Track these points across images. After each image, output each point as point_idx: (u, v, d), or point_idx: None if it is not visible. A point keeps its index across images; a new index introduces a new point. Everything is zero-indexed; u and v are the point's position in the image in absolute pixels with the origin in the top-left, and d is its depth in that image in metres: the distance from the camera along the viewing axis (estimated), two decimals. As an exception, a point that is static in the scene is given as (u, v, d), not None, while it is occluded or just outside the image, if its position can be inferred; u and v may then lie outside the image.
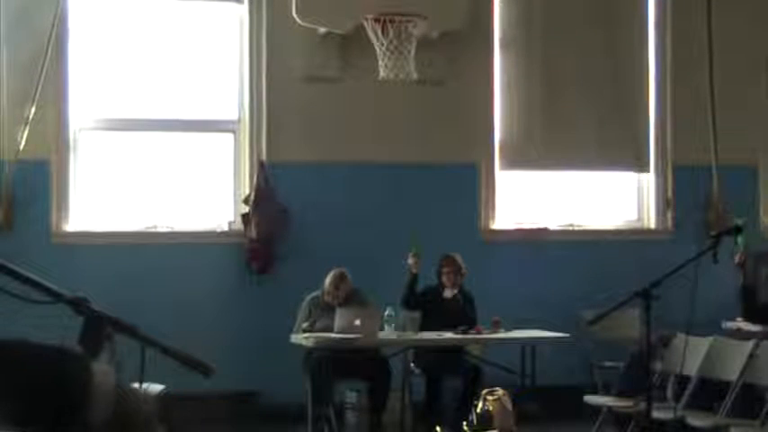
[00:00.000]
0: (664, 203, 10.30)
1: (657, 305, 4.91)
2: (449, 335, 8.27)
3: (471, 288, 8.71)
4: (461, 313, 8.51)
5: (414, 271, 8.52)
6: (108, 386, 2.05)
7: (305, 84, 9.49)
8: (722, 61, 10.02)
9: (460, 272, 8.63)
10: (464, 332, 8.25)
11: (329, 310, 8.23)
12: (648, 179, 10.35)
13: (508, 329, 8.42)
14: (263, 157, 9.44)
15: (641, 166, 10.32)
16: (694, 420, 7.10)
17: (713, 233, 5.51)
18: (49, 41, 8.89)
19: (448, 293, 8.65)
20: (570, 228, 10.16)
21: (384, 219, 9.52)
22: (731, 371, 7.35)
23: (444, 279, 8.65)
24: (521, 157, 10.04)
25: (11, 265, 2.37)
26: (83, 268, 8.65)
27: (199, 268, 9.26)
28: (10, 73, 8.98)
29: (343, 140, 9.60)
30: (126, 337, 2.44)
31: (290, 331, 8.31)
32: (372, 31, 8.84)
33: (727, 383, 7.33)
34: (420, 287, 8.57)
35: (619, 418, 7.84)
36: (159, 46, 9.47)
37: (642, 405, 6.03)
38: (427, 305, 8.51)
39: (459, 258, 8.67)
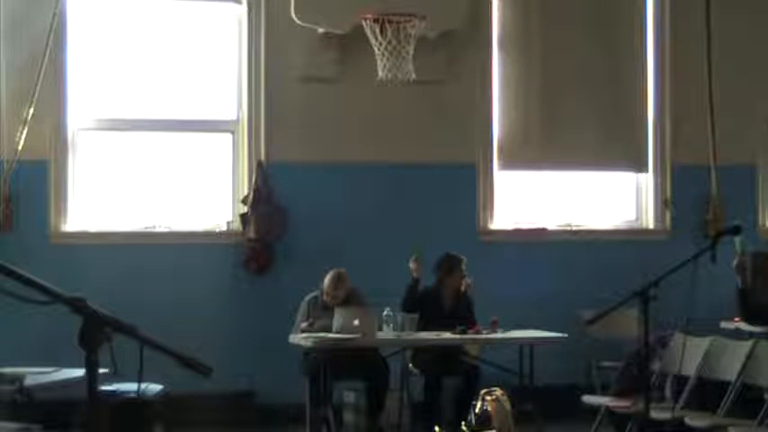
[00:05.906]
0: (662, 203, 10.29)
1: (656, 305, 4.91)
2: (447, 335, 8.27)
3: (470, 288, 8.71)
4: (460, 313, 8.50)
5: (415, 275, 8.51)
6: None
7: (303, 84, 9.49)
8: (721, 61, 10.02)
9: (461, 272, 8.62)
10: (462, 332, 8.25)
11: (328, 310, 8.22)
12: (647, 179, 10.36)
13: (506, 329, 8.41)
14: (262, 158, 9.44)
15: (640, 167, 10.32)
16: (693, 420, 7.08)
17: (711, 233, 5.50)
18: (47, 41, 8.89)
19: (447, 293, 8.64)
20: (569, 228, 10.17)
21: (382, 219, 9.53)
22: (730, 371, 7.34)
23: (444, 279, 8.64)
24: (519, 158, 10.04)
25: (9, 266, 2.37)
26: (81, 268, 8.65)
27: (197, 268, 9.25)
28: (9, 73, 8.98)
29: (341, 140, 9.60)
30: (125, 338, 2.44)
31: (289, 331, 8.30)
32: (371, 32, 8.83)
33: (726, 383, 7.32)
34: (419, 288, 8.56)
35: (617, 418, 7.84)
36: (158, 46, 9.47)
37: (640, 405, 6.03)
38: (426, 305, 8.50)
39: (459, 258, 8.65)
